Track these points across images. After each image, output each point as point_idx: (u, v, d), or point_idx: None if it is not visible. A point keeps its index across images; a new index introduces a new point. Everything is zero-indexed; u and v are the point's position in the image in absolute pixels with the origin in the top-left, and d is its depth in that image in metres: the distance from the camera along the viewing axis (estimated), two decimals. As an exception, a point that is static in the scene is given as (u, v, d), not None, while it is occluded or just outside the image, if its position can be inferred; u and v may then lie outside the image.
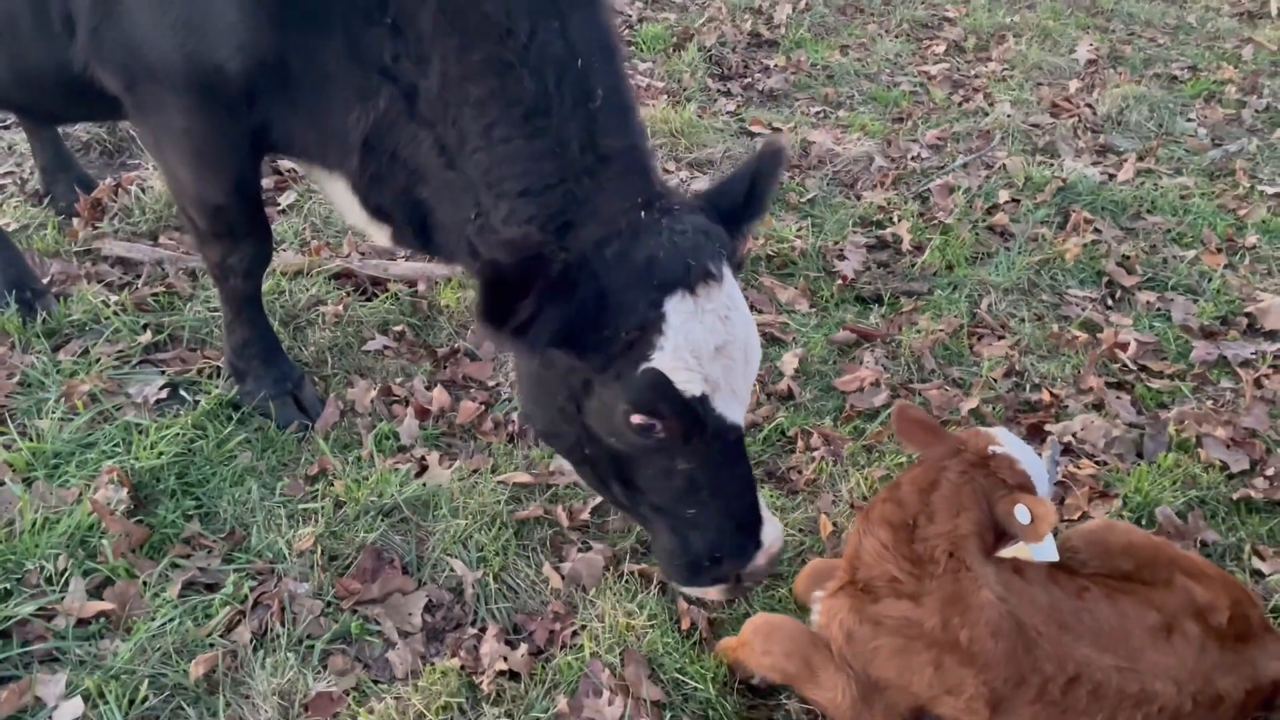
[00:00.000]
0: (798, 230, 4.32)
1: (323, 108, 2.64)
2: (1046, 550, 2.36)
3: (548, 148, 2.36)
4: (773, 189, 2.58)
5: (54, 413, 3.15)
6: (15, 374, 3.31)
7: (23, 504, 2.81)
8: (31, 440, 3.04)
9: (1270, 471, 3.20)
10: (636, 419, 2.29)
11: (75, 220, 4.17)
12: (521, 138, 2.37)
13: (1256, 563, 2.92)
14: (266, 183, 4.33)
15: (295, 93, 2.64)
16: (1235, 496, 3.12)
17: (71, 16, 2.66)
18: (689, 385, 2.26)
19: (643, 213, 2.33)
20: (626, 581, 2.77)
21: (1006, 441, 2.42)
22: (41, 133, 4.26)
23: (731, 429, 2.40)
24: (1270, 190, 4.91)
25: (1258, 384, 3.62)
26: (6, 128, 4.83)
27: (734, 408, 2.38)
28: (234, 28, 2.51)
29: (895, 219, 4.49)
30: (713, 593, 2.57)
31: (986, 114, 5.55)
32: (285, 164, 4.54)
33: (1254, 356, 3.76)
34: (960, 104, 5.72)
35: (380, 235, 2.92)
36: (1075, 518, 3.03)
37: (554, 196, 2.36)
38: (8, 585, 2.61)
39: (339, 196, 2.87)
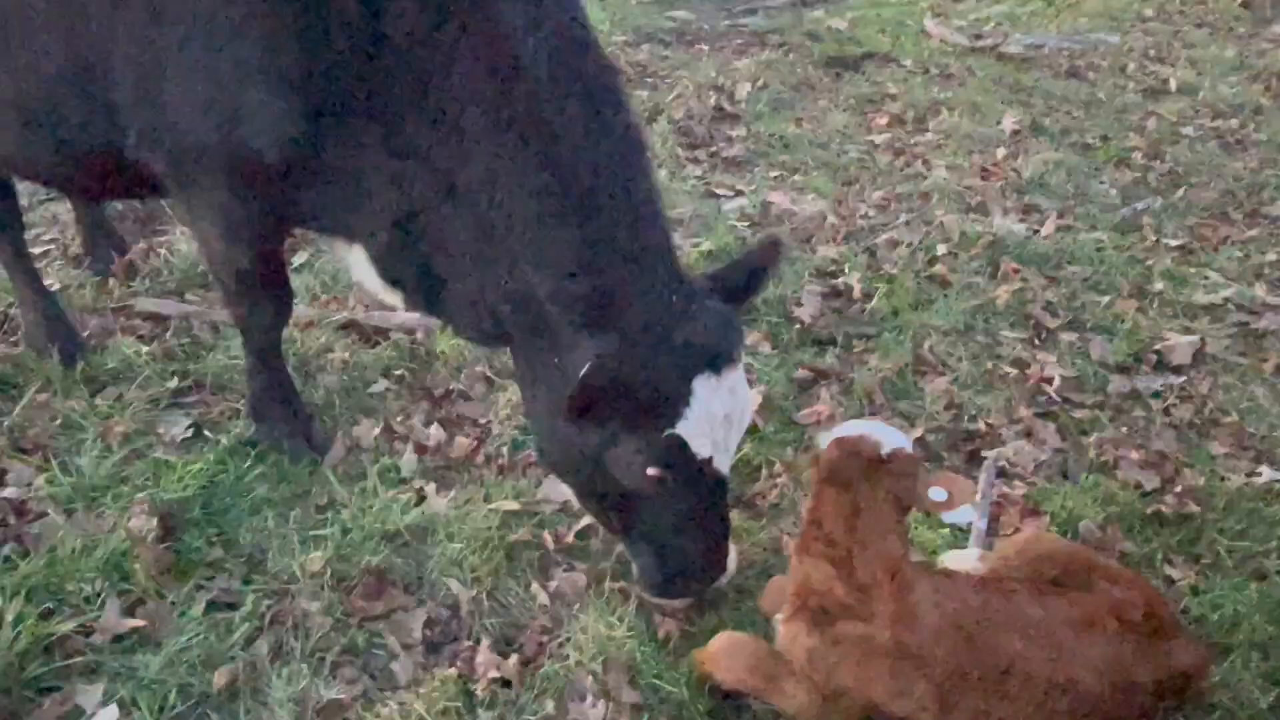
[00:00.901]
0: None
1: (354, 191, 2.64)
2: (963, 515, 2.45)
3: (599, 235, 2.40)
4: (770, 277, 2.70)
5: (92, 450, 3.16)
6: (58, 417, 3.32)
7: (64, 532, 2.82)
8: (71, 475, 3.05)
9: (1179, 489, 3.23)
10: (653, 471, 2.38)
11: (111, 280, 4.19)
12: (575, 225, 2.41)
13: (1168, 569, 2.95)
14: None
15: (328, 177, 2.63)
16: (1148, 511, 3.15)
17: (113, 104, 2.65)
18: (702, 449, 2.38)
19: (675, 298, 2.42)
20: (607, 598, 2.78)
21: (874, 430, 2.42)
22: (84, 204, 4.26)
23: (722, 479, 2.53)
24: (1173, 243, 4.97)
25: (1166, 412, 3.68)
26: (51, 199, 4.83)
27: (725, 462, 2.51)
28: (273, 119, 2.51)
29: (846, 270, 4.52)
30: (678, 604, 2.72)
31: (925, 178, 5.61)
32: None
33: (1162, 389, 3.81)
34: (902, 169, 5.77)
35: (393, 299, 2.92)
36: (1010, 532, 3.06)
37: (605, 280, 2.40)
38: (50, 605, 2.62)
39: (357, 264, 2.87)
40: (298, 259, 4.45)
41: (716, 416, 2.38)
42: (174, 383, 3.54)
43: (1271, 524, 3.11)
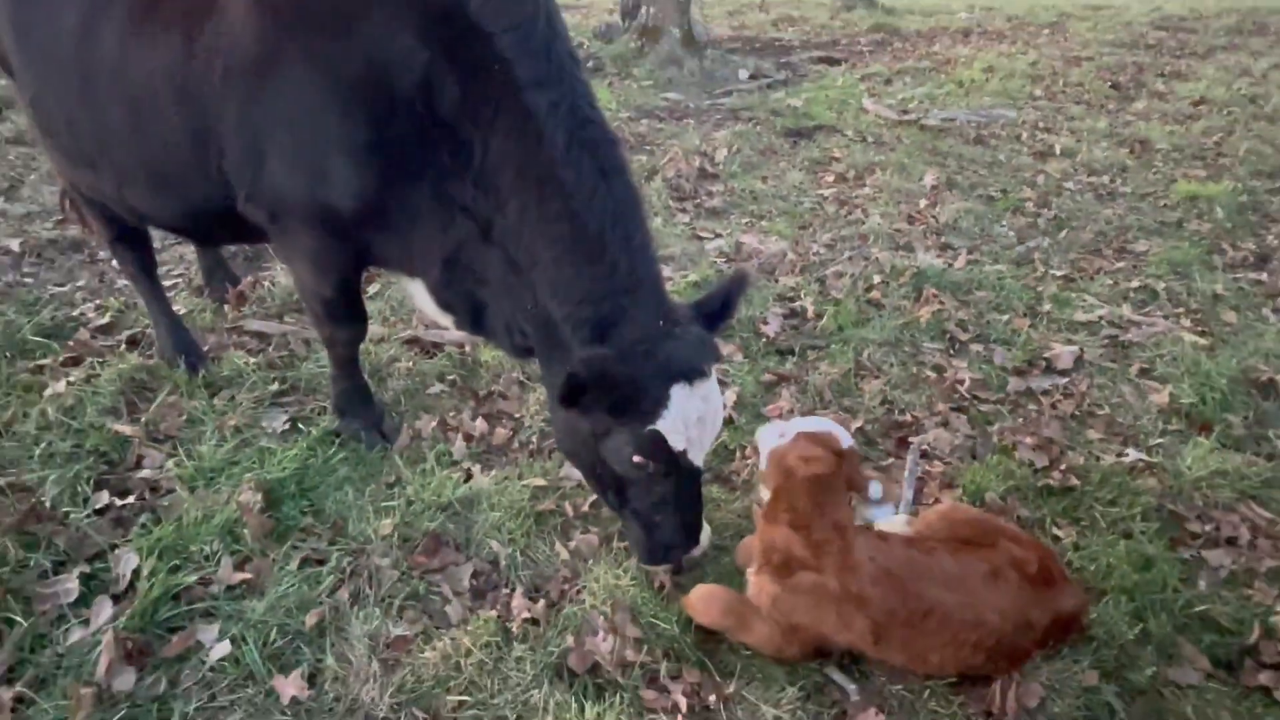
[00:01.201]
0: (734, 305, 4.38)
1: (412, 235, 2.65)
2: (887, 511, 2.51)
3: (603, 273, 2.40)
4: (740, 303, 2.66)
5: (210, 440, 3.17)
6: (184, 413, 3.34)
7: (188, 505, 2.84)
8: (194, 459, 3.06)
9: (1063, 467, 3.24)
10: (638, 459, 2.39)
11: (225, 306, 4.21)
12: (585, 264, 2.40)
13: (1055, 531, 2.96)
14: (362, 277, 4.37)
15: (392, 225, 2.64)
16: (1040, 485, 3.16)
17: (224, 170, 2.67)
18: (677, 442, 2.35)
19: (661, 322, 2.40)
20: (615, 555, 2.79)
21: (827, 427, 2.47)
22: (204, 246, 4.28)
23: (696, 470, 2.50)
24: (1058, 273, 4.98)
25: (1053, 406, 3.68)
26: (178, 243, 4.86)
27: (700, 457, 2.48)
28: (349, 181, 2.52)
29: (802, 295, 4.54)
30: (661, 569, 2.68)
31: (863, 223, 5.63)
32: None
33: (1050, 388, 3.82)
34: (845, 216, 5.79)
35: (445, 321, 2.93)
36: (931, 501, 3.05)
37: (606, 307, 2.40)
38: (177, 562, 2.63)
39: (417, 293, 2.87)
40: (373, 289, 4.47)
41: (691, 418, 2.35)
42: (274, 386, 3.55)
43: (1136, 494, 3.10)
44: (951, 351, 4.12)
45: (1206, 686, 2.42)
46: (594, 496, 3.03)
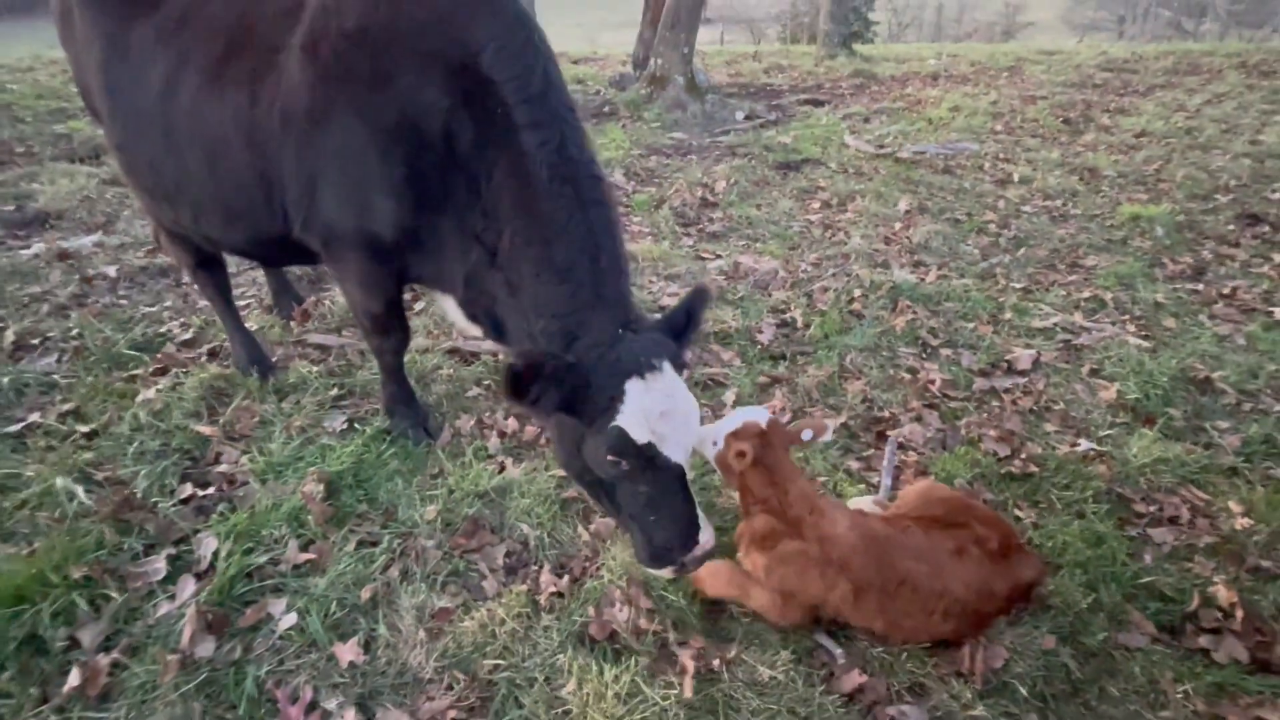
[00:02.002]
0: (733, 316, 4.38)
1: (441, 258, 2.66)
2: (818, 438, 2.45)
3: (571, 291, 2.36)
4: (703, 314, 2.47)
5: (279, 438, 3.19)
6: (256, 415, 3.36)
7: (260, 495, 2.86)
8: (265, 455, 3.08)
9: (1023, 456, 3.21)
10: (610, 457, 2.25)
11: (291, 322, 4.24)
12: (556, 284, 2.37)
13: (1016, 512, 2.93)
14: (406, 296, 4.40)
15: (424, 249, 2.66)
16: (1003, 472, 3.13)
17: (285, 204, 2.71)
18: (639, 435, 2.20)
19: (620, 330, 2.31)
20: (629, 536, 2.77)
21: (747, 415, 2.42)
22: (272, 270, 4.34)
23: (675, 467, 2.29)
24: (1017, 286, 4.94)
25: (1014, 403, 3.65)
26: (250, 267, 4.91)
27: (678, 454, 2.28)
28: (389, 213, 2.55)
29: (792, 308, 4.53)
30: (665, 573, 2.44)
31: (845, 244, 5.60)
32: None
33: (1011, 387, 3.79)
34: (830, 238, 5.76)
35: (475, 332, 2.92)
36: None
37: (571, 320, 2.35)
38: (251, 545, 2.65)
39: (450, 308, 2.87)
40: (418, 305, 4.48)
41: (652, 411, 2.19)
42: (334, 391, 3.57)
43: (1088, 479, 3.07)
44: (924, 355, 4.10)
45: (1152, 649, 2.39)
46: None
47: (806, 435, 2.42)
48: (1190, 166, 7.44)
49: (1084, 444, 3.34)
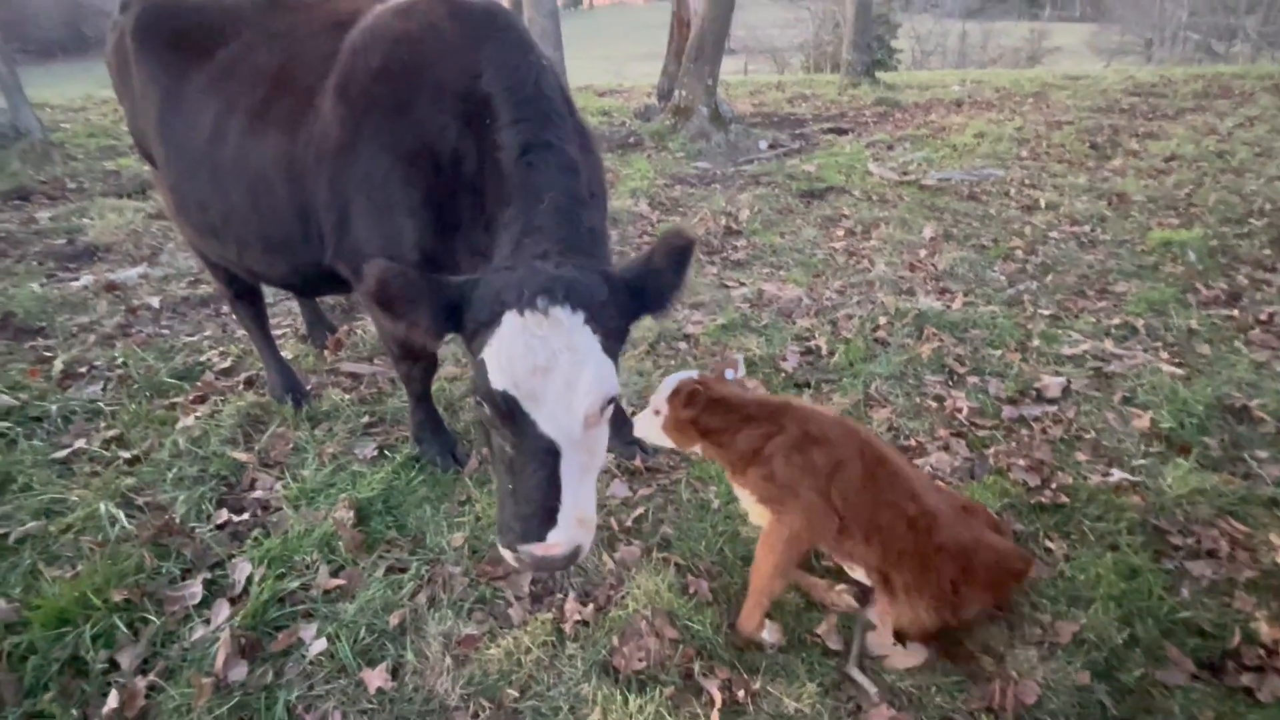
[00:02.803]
0: (757, 344, 4.37)
1: (454, 273, 2.67)
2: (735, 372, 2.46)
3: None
4: (688, 269, 2.09)
5: (311, 465, 3.23)
6: (290, 442, 3.41)
7: (293, 520, 2.89)
8: (299, 482, 3.12)
9: (1054, 486, 3.15)
10: (478, 393, 2.02)
11: (325, 351, 4.31)
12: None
13: (1048, 544, 2.88)
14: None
15: (443, 270, 2.67)
16: (1033, 502, 3.08)
17: (319, 234, 2.80)
18: (497, 380, 1.93)
19: (537, 262, 2.06)
20: (655, 564, 2.76)
21: (678, 377, 2.41)
22: (306, 300, 4.43)
23: (542, 438, 1.95)
24: (1045, 313, 4.87)
25: (1044, 432, 3.58)
26: (286, 298, 5.01)
27: (550, 424, 1.94)
28: (412, 238, 2.61)
29: (816, 335, 4.51)
30: (507, 555, 2.06)
31: (870, 271, 5.57)
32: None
33: (1041, 415, 3.72)
34: (854, 265, 5.74)
35: None
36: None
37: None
38: (283, 570, 2.68)
39: None
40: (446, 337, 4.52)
41: (519, 360, 1.89)
42: (365, 419, 3.61)
43: (1122, 510, 3.00)
44: (950, 383, 4.06)
45: (1192, 687, 2.31)
46: (636, 512, 3.02)
47: (729, 374, 2.42)
48: (1223, 190, 7.30)
49: (1116, 474, 3.26)
